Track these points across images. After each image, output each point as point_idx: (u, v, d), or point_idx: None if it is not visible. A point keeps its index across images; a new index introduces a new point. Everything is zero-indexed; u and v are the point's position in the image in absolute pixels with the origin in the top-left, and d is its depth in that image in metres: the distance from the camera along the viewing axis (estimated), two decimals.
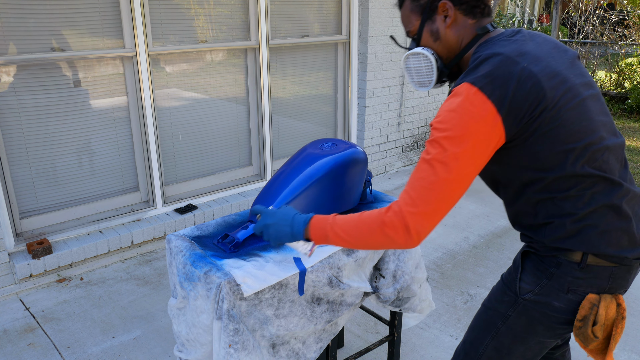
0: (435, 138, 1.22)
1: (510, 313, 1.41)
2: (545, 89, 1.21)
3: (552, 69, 1.25)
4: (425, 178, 1.22)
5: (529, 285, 1.37)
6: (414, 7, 1.41)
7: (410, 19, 1.43)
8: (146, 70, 3.51)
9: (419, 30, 1.41)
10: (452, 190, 1.21)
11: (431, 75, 1.44)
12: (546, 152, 1.25)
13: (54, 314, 2.92)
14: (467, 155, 1.20)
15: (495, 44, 1.30)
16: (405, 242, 1.25)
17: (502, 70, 1.21)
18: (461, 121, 1.19)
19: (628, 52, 10.32)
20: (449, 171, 1.20)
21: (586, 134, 1.25)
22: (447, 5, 1.35)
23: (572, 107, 1.24)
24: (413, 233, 1.23)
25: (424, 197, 1.21)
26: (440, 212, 1.23)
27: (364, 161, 2.00)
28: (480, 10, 1.37)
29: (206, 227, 1.95)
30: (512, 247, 3.71)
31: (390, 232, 1.25)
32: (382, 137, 5.11)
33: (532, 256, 1.39)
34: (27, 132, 3.18)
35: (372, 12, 4.60)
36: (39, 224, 3.33)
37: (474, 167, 1.22)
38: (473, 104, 1.19)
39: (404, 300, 2.13)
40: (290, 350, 1.78)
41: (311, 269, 1.72)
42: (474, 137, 1.19)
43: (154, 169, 3.70)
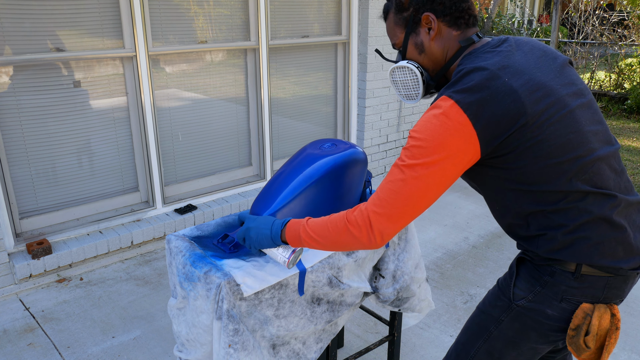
0: (410, 146, 1.23)
1: (504, 318, 1.41)
2: (525, 104, 1.19)
3: (536, 82, 1.23)
4: (395, 182, 1.23)
5: (523, 292, 1.36)
6: (397, 19, 1.40)
7: (395, 31, 1.42)
8: (146, 70, 3.51)
9: (404, 42, 1.41)
10: (418, 198, 1.22)
11: (417, 89, 1.44)
12: (531, 168, 1.23)
13: (54, 314, 2.92)
14: (438, 165, 1.20)
15: (478, 56, 1.28)
16: (369, 241, 1.26)
17: (481, 85, 1.20)
18: (435, 132, 1.19)
19: (628, 52, 10.33)
20: (418, 179, 1.21)
21: (573, 147, 1.23)
22: (430, 18, 1.34)
23: (557, 119, 1.22)
24: (376, 233, 1.25)
25: (390, 200, 1.23)
26: (405, 217, 1.24)
27: (363, 161, 2.00)
28: (465, 21, 1.36)
29: (206, 227, 1.95)
30: (512, 247, 3.71)
31: (354, 231, 1.27)
32: (382, 138, 5.11)
33: (527, 263, 1.38)
34: (27, 133, 3.18)
35: (372, 13, 4.60)
36: (39, 224, 3.33)
37: (444, 178, 1.22)
38: (448, 116, 1.19)
39: (404, 300, 2.13)
40: (290, 351, 1.78)
41: (311, 269, 1.72)
42: (447, 149, 1.19)
43: (153, 169, 3.70)
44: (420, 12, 1.35)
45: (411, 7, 1.37)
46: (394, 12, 1.41)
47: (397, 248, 2.06)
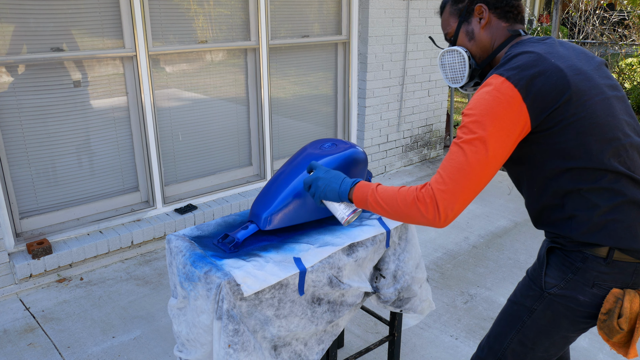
0: (465, 123, 1.32)
1: (536, 307, 1.46)
2: (570, 81, 1.30)
3: (578, 67, 1.34)
4: (455, 159, 1.31)
5: (555, 280, 1.42)
6: (452, 10, 1.55)
7: (449, 21, 1.56)
8: (146, 70, 3.51)
9: (456, 31, 1.53)
10: (479, 171, 1.30)
11: (463, 72, 1.53)
12: (571, 143, 1.31)
13: (54, 314, 2.92)
14: (494, 138, 1.28)
15: (525, 44, 1.40)
16: (434, 218, 1.32)
17: (530, 64, 1.31)
18: (488, 107, 1.29)
19: (628, 52, 10.33)
20: (477, 152, 1.29)
21: (611, 129, 1.32)
22: (482, 8, 1.48)
23: (597, 102, 1.32)
24: (441, 211, 1.31)
25: (453, 177, 1.30)
26: (468, 191, 1.31)
27: (364, 161, 2.00)
28: (514, 15, 1.49)
29: (206, 227, 1.95)
30: (512, 247, 3.71)
31: (422, 208, 1.33)
32: (382, 137, 5.11)
33: (558, 252, 1.43)
34: (27, 132, 3.18)
35: (372, 12, 4.60)
36: (39, 224, 3.33)
37: (501, 150, 1.30)
38: (500, 91, 1.29)
39: (405, 301, 2.13)
40: (292, 352, 1.78)
41: (311, 269, 1.72)
42: (500, 121, 1.28)
43: (153, 169, 3.70)
44: (474, 3, 1.49)
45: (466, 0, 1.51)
46: (451, 4, 1.55)
47: (397, 248, 2.06)
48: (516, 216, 4.24)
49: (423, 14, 5.05)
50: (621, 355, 2.58)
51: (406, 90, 5.18)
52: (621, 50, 9.56)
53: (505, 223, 4.11)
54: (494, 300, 3.04)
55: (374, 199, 1.43)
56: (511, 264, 3.46)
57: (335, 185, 1.52)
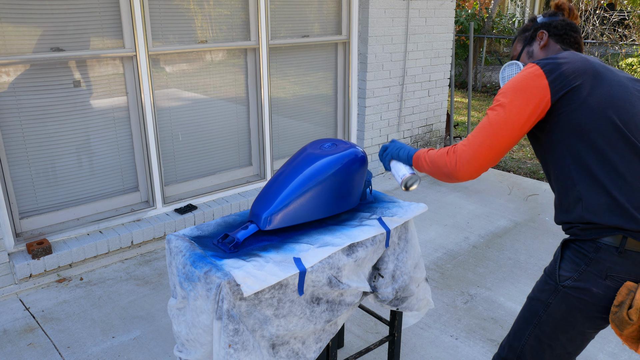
0: (496, 98, 1.53)
1: (551, 300, 1.52)
2: (595, 67, 1.46)
3: (611, 69, 1.50)
4: (480, 124, 1.53)
5: (569, 272, 1.48)
6: (520, 38, 1.80)
7: (516, 46, 1.81)
8: (146, 70, 3.51)
9: (520, 52, 1.77)
10: (497, 130, 1.49)
11: None
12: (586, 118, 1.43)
13: (54, 314, 2.92)
14: (513, 104, 1.47)
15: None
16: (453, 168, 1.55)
17: (562, 56, 1.49)
18: (515, 82, 1.50)
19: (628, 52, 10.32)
20: (497, 115, 1.49)
21: (627, 111, 1.43)
22: (543, 33, 1.72)
23: (617, 90, 1.45)
24: (458, 161, 1.53)
25: (474, 134, 1.53)
26: (485, 148, 1.50)
27: (363, 161, 2.00)
28: (570, 42, 1.70)
29: (206, 227, 1.95)
30: (512, 247, 3.71)
31: (447, 158, 1.57)
32: (382, 137, 5.11)
33: (572, 244, 1.50)
34: (27, 132, 3.18)
35: (372, 12, 4.60)
36: (39, 224, 3.33)
37: (518, 115, 1.47)
38: (527, 71, 1.50)
39: (402, 300, 2.13)
40: (290, 351, 1.78)
41: (311, 269, 1.72)
42: (522, 92, 1.47)
43: (153, 169, 3.70)
44: (537, 31, 1.73)
45: (532, 28, 1.76)
46: (519, 33, 1.81)
47: (396, 248, 2.06)
48: (516, 216, 4.24)
49: (423, 14, 5.05)
50: (622, 355, 2.58)
51: (406, 90, 5.18)
52: (621, 50, 9.56)
53: (505, 223, 4.11)
54: (494, 300, 3.04)
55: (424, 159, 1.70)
56: (511, 264, 3.46)
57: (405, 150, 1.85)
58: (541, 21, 1.74)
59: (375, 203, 2.18)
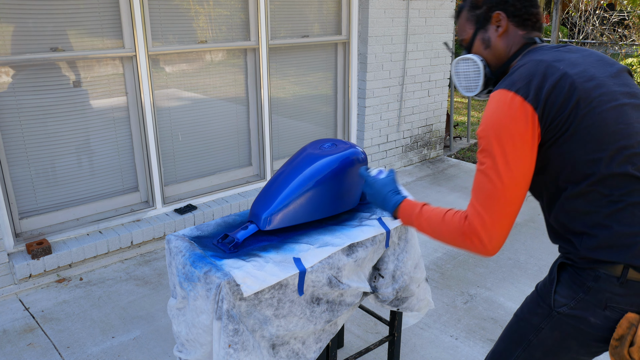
0: (483, 147, 1.28)
1: (544, 326, 1.38)
2: (578, 87, 1.25)
3: (590, 74, 1.28)
4: (484, 189, 1.28)
5: (565, 298, 1.33)
6: (470, 16, 1.49)
7: (465, 27, 1.51)
8: (146, 70, 3.51)
9: (472, 38, 1.49)
10: (511, 194, 1.27)
11: (478, 80, 1.50)
12: (579, 152, 1.25)
13: (54, 314, 2.91)
14: (515, 157, 1.25)
15: (537, 52, 1.36)
16: (483, 250, 1.30)
17: (537, 72, 1.27)
18: (503, 126, 1.25)
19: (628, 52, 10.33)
20: (502, 176, 1.26)
21: (622, 136, 1.24)
22: (500, 16, 1.43)
23: (608, 109, 1.25)
24: (486, 242, 1.29)
25: (487, 207, 1.28)
26: (507, 216, 1.28)
27: (363, 161, 2.00)
28: (532, 23, 1.44)
29: (206, 227, 1.95)
30: (512, 247, 3.71)
31: (467, 242, 1.32)
32: (382, 138, 5.11)
33: (569, 268, 1.35)
34: (26, 132, 3.18)
35: (372, 12, 4.60)
36: (39, 224, 3.33)
37: (524, 167, 1.26)
38: (511, 107, 1.25)
39: (402, 300, 2.13)
40: (290, 351, 1.78)
41: (311, 269, 1.72)
42: (518, 138, 1.24)
43: (153, 169, 3.69)
44: (492, 11, 1.44)
45: (484, 6, 1.46)
46: (468, 9, 1.50)
47: (397, 248, 2.06)
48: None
49: (423, 14, 5.05)
50: None
51: (406, 90, 5.17)
52: (621, 50, 9.56)
53: None
54: (494, 301, 3.04)
55: (419, 222, 1.45)
56: (511, 264, 3.46)
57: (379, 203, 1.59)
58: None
59: None
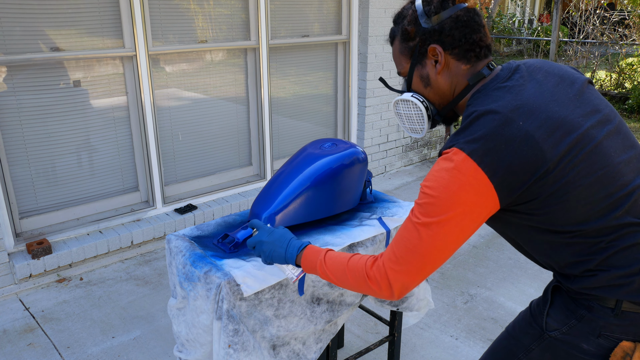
0: (423, 202, 1.17)
1: (534, 347, 1.32)
2: (544, 150, 1.10)
3: (554, 120, 1.12)
4: (410, 240, 1.18)
5: (557, 323, 1.26)
6: (403, 48, 1.31)
7: (400, 60, 1.34)
8: (146, 70, 3.50)
9: (409, 73, 1.33)
10: (435, 255, 1.18)
11: (422, 124, 1.37)
12: (558, 212, 1.15)
13: (54, 314, 2.91)
14: (453, 223, 1.14)
15: (488, 95, 1.19)
16: (388, 296, 1.24)
17: (494, 133, 1.11)
18: (449, 189, 1.12)
19: (628, 52, 10.33)
20: (433, 237, 1.16)
21: (603, 185, 1.14)
22: (437, 50, 1.25)
23: (582, 158, 1.13)
24: (394, 289, 1.22)
25: (407, 258, 1.19)
26: (423, 272, 1.20)
27: (364, 161, 2.00)
28: (475, 54, 1.25)
29: (206, 227, 1.95)
30: (511, 247, 3.71)
31: (373, 286, 1.24)
32: (382, 137, 5.11)
33: (564, 293, 1.27)
34: (26, 132, 3.18)
35: (372, 12, 4.59)
36: (39, 224, 3.33)
37: (461, 233, 1.16)
38: (462, 171, 1.11)
39: (402, 300, 2.13)
40: (290, 351, 1.78)
41: None
42: (462, 205, 1.12)
43: (153, 169, 3.69)
44: (426, 44, 1.26)
45: (417, 37, 1.27)
46: (400, 40, 1.31)
47: None
48: None
49: None
50: None
51: None
52: (621, 50, 9.55)
53: None
54: (494, 301, 3.04)
55: (323, 270, 1.34)
56: (511, 264, 3.46)
57: (280, 250, 1.43)
58: (428, 27, 1.24)
59: (375, 203, 2.17)
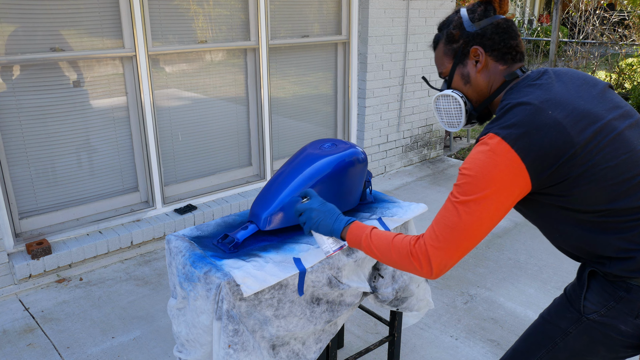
0: (461, 183, 1.28)
1: (572, 330, 1.38)
2: (571, 135, 1.22)
3: (579, 111, 1.25)
4: (449, 218, 1.29)
5: (595, 305, 1.33)
6: (447, 50, 1.46)
7: (443, 61, 1.48)
8: (146, 70, 3.50)
9: (451, 72, 1.46)
10: (473, 232, 1.28)
11: (460, 117, 1.49)
12: (587, 193, 1.24)
13: (54, 314, 2.91)
14: (489, 201, 1.25)
15: (520, 90, 1.33)
16: (427, 273, 1.33)
17: (526, 120, 1.24)
18: (484, 169, 1.24)
19: (628, 52, 10.33)
20: (471, 214, 1.26)
21: (628, 168, 1.24)
22: (478, 51, 1.40)
23: (606, 144, 1.24)
24: (433, 266, 1.31)
25: (446, 235, 1.29)
26: (462, 250, 1.30)
27: (363, 161, 2.00)
28: (512, 56, 1.41)
29: (206, 227, 1.95)
30: (512, 247, 3.71)
31: (415, 263, 1.33)
32: (382, 138, 5.11)
33: (600, 277, 1.34)
34: (26, 132, 3.18)
35: (372, 12, 4.60)
36: (39, 224, 3.32)
37: (497, 211, 1.27)
38: (496, 153, 1.24)
39: (402, 300, 2.13)
40: (290, 351, 1.78)
41: (311, 269, 1.71)
42: (497, 183, 1.24)
43: (153, 169, 3.69)
44: (469, 45, 1.41)
45: (461, 40, 1.42)
46: (444, 42, 1.46)
47: None
48: (516, 216, 4.24)
49: (423, 14, 5.05)
50: None
51: (406, 90, 5.17)
52: (621, 50, 9.56)
53: (505, 223, 4.11)
54: (494, 301, 3.04)
55: (368, 245, 1.44)
56: (511, 264, 3.46)
57: (329, 221, 1.52)
58: (472, 31, 1.41)
59: (375, 203, 2.17)
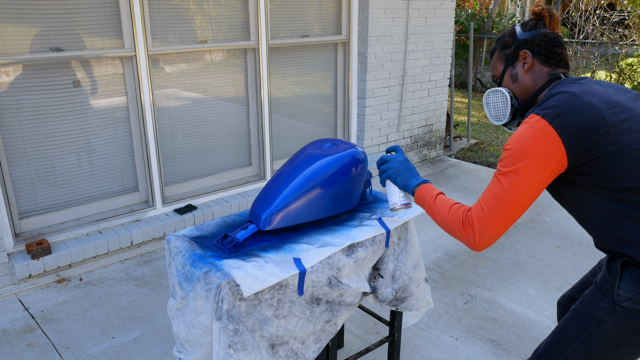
0: (503, 157, 1.44)
1: (606, 319, 1.45)
2: (605, 115, 1.38)
3: (613, 101, 1.42)
4: (494, 190, 1.45)
5: (629, 293, 1.42)
6: (500, 55, 1.70)
7: (497, 65, 1.71)
8: (146, 70, 3.50)
9: (502, 74, 1.68)
10: (514, 201, 1.41)
11: (506, 110, 1.67)
12: (618, 170, 1.37)
13: (53, 314, 2.91)
14: (528, 170, 1.39)
15: (562, 85, 1.51)
16: (472, 243, 1.47)
17: (565, 102, 1.41)
18: (524, 141, 1.40)
19: (628, 52, 10.32)
20: (512, 184, 1.41)
21: None
22: (526, 54, 1.62)
23: (637, 129, 1.39)
24: (477, 236, 1.45)
25: (490, 205, 1.44)
26: (504, 220, 1.43)
27: (363, 161, 2.00)
28: (556, 61, 1.60)
29: (206, 227, 1.95)
30: (512, 247, 3.70)
31: (462, 231, 1.49)
32: (382, 138, 5.11)
33: (632, 266, 1.43)
34: (26, 132, 3.18)
35: (372, 12, 4.59)
36: (38, 224, 3.32)
37: (535, 182, 1.40)
38: (535, 128, 1.40)
39: (402, 300, 2.13)
40: (289, 351, 1.78)
41: (311, 269, 1.71)
42: (535, 154, 1.38)
43: (153, 169, 3.69)
44: (519, 49, 1.63)
45: (513, 45, 1.65)
46: (499, 49, 1.70)
47: (396, 248, 2.06)
48: None
49: (423, 14, 5.05)
50: None
51: (406, 90, 5.17)
52: (621, 50, 9.55)
53: None
54: (494, 301, 3.04)
55: (431, 205, 1.61)
56: (511, 264, 3.46)
57: (408, 175, 1.73)
58: (522, 37, 1.63)
59: (375, 203, 2.17)
